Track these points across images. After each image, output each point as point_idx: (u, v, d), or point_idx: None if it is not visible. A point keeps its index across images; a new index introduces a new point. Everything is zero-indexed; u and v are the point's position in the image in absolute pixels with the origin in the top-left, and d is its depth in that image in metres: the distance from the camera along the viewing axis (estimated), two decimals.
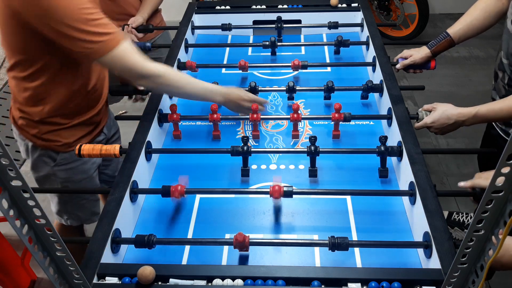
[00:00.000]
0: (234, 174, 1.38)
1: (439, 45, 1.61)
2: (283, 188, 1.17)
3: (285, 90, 1.60)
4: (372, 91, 1.60)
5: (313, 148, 1.30)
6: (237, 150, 1.31)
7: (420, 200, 1.14)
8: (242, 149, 1.31)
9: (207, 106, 1.64)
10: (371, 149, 1.32)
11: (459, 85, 3.32)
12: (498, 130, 1.54)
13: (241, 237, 1.05)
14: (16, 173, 0.69)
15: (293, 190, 1.18)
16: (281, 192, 1.16)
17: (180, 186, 1.19)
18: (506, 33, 1.39)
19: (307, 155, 1.32)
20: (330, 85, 1.57)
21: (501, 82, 1.46)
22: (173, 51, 1.79)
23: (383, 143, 1.31)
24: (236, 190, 1.30)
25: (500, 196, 0.68)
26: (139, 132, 1.40)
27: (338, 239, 1.05)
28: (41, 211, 0.75)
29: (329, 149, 1.38)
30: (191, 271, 1.01)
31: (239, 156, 1.33)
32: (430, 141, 2.82)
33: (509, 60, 1.39)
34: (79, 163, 1.55)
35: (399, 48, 3.18)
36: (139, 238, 1.08)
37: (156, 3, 2.06)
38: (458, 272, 0.81)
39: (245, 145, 1.31)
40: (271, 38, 1.82)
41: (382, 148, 1.30)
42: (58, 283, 0.85)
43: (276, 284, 0.98)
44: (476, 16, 1.53)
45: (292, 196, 1.18)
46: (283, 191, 1.17)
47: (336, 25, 1.92)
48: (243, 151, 1.31)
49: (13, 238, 2.04)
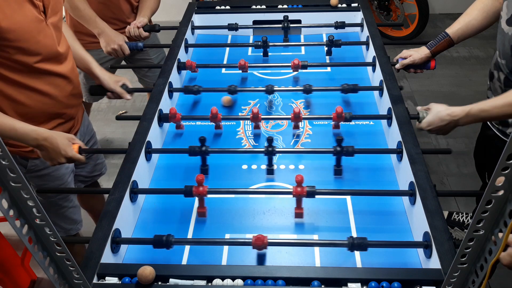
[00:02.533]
0: (234, 174, 1.38)
1: (438, 45, 1.62)
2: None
3: (264, 91, 1.60)
4: (352, 92, 1.60)
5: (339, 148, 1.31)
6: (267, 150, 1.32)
7: (420, 200, 1.14)
8: (267, 149, 1.32)
9: (207, 106, 1.64)
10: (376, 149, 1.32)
11: (459, 85, 3.32)
12: (495, 130, 1.53)
13: (260, 240, 1.05)
14: (16, 173, 0.69)
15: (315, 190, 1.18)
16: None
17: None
18: (500, 33, 1.40)
19: (333, 155, 1.33)
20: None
21: (497, 82, 1.46)
22: (173, 51, 1.79)
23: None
24: (236, 190, 1.30)
25: (500, 196, 0.68)
26: (139, 132, 1.40)
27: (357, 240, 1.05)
28: (41, 211, 0.75)
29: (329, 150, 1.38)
30: (191, 271, 1.01)
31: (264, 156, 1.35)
32: (430, 141, 2.82)
33: (505, 60, 1.39)
34: (52, 169, 1.51)
35: (399, 48, 3.18)
36: (157, 238, 1.08)
37: (154, 6, 2.07)
38: (458, 272, 0.81)
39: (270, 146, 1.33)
40: (263, 37, 1.81)
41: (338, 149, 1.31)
42: (58, 283, 0.85)
43: (276, 284, 0.98)
44: (475, 16, 1.53)
45: (314, 196, 1.19)
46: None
47: (343, 25, 1.91)
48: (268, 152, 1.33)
49: (13, 238, 2.04)
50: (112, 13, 2.01)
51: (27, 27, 1.27)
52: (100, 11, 1.94)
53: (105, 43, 1.92)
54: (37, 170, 1.50)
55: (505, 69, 1.40)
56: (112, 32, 1.93)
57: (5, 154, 0.65)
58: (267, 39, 1.82)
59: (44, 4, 1.32)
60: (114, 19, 2.02)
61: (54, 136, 1.30)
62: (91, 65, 1.61)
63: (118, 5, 2.01)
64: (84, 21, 1.90)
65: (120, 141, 2.95)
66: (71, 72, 1.48)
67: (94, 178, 1.85)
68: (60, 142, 1.30)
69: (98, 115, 3.17)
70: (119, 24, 2.03)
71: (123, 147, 1.38)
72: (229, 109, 1.65)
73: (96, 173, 1.84)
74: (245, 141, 1.51)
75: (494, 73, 1.48)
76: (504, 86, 1.43)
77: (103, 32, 1.91)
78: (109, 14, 2.00)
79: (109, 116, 3.16)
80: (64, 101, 1.47)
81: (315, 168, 1.39)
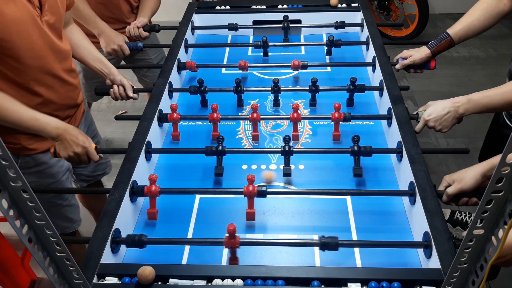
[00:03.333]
0: (234, 174, 1.38)
1: (439, 45, 1.61)
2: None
3: (270, 90, 1.61)
4: (357, 91, 1.60)
5: (356, 148, 1.31)
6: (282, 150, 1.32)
7: (420, 200, 1.14)
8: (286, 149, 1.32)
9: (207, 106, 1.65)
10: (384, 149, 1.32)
11: (459, 85, 3.32)
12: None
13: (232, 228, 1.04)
14: (16, 173, 0.69)
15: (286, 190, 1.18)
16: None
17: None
18: None
19: (351, 155, 1.32)
20: (314, 82, 1.58)
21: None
22: (173, 51, 1.79)
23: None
24: (236, 190, 1.30)
25: (500, 196, 0.68)
26: (139, 132, 1.40)
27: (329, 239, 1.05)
28: (41, 211, 0.75)
29: (331, 149, 1.38)
30: (191, 271, 1.01)
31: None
32: (430, 141, 2.82)
33: None
34: (45, 167, 1.50)
35: (399, 48, 3.19)
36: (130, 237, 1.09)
37: (155, 6, 2.07)
38: (458, 272, 0.81)
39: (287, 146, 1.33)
40: (263, 38, 1.81)
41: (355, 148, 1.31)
42: (58, 283, 0.85)
43: (276, 284, 0.98)
44: (477, 16, 1.53)
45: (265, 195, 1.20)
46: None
47: (343, 25, 1.92)
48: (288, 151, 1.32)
49: (13, 238, 2.04)
50: (112, 13, 2.01)
51: (19, 19, 1.24)
52: (100, 11, 1.94)
53: (105, 44, 1.92)
54: (28, 167, 1.49)
55: None
56: (112, 32, 1.93)
57: (5, 154, 0.65)
58: (267, 39, 1.82)
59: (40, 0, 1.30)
60: (113, 19, 2.02)
61: (73, 127, 1.35)
62: (108, 64, 1.64)
63: (117, 5, 2.01)
64: (84, 21, 1.90)
65: (120, 141, 2.96)
66: (67, 73, 1.47)
67: (96, 177, 1.85)
68: (79, 132, 1.34)
69: (98, 115, 3.17)
70: (118, 24, 2.03)
71: (123, 147, 1.38)
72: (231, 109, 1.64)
73: (99, 173, 1.84)
74: (245, 141, 1.51)
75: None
76: None
77: (103, 33, 1.91)
78: (109, 14, 2.00)
79: (109, 116, 3.16)
80: (57, 101, 1.46)
81: (315, 168, 1.39)
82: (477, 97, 1.34)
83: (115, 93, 1.65)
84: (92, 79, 2.23)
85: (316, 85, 1.58)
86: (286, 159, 1.33)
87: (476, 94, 1.35)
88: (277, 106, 1.65)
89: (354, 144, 1.32)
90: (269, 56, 1.88)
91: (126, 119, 1.64)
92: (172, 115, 1.48)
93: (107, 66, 1.64)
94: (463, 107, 1.35)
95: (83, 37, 1.63)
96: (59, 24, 1.42)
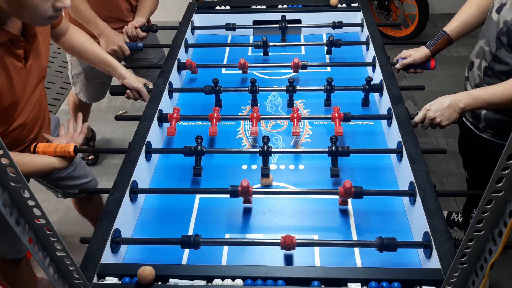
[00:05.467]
0: (234, 175, 1.38)
1: (437, 44, 1.62)
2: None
3: (285, 90, 1.60)
4: (372, 91, 1.60)
5: (334, 148, 1.30)
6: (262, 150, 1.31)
7: (420, 200, 1.14)
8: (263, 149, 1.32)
9: (207, 106, 1.65)
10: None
11: (459, 85, 3.28)
12: (468, 124, 1.59)
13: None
14: (16, 173, 0.69)
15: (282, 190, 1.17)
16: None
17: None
18: (489, 21, 1.43)
19: (328, 155, 1.32)
20: (330, 81, 1.57)
21: (477, 71, 1.49)
22: (173, 51, 1.79)
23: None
24: (236, 190, 1.29)
25: (500, 196, 0.68)
26: (139, 132, 1.40)
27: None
28: (41, 211, 0.75)
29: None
30: (191, 271, 1.01)
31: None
32: (430, 141, 2.82)
33: (489, 47, 1.41)
34: None
35: (399, 48, 3.18)
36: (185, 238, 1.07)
37: (153, 6, 2.07)
38: (458, 272, 0.81)
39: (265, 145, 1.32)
40: (263, 38, 1.81)
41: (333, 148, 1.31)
42: (58, 283, 0.85)
43: (276, 284, 0.98)
44: (472, 12, 1.55)
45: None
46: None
47: (341, 25, 1.92)
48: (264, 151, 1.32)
49: None
50: (111, 13, 2.01)
51: (9, 83, 1.19)
52: (99, 10, 1.94)
53: (105, 44, 1.92)
54: None
55: (489, 56, 1.42)
56: (112, 32, 1.93)
57: (5, 154, 0.65)
58: (267, 39, 1.82)
59: (26, 49, 1.25)
60: (113, 19, 2.02)
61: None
62: (116, 67, 1.64)
63: (117, 4, 2.01)
64: (84, 21, 1.90)
65: (120, 141, 2.95)
66: (31, 120, 1.38)
67: (78, 194, 1.80)
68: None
69: (98, 115, 3.17)
70: (118, 24, 2.03)
71: (123, 147, 1.38)
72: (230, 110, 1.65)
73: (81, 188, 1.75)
74: (245, 141, 1.51)
75: (475, 61, 1.51)
76: (483, 75, 1.46)
77: (103, 33, 1.91)
78: (108, 13, 2.00)
79: (109, 116, 3.16)
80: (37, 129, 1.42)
81: (315, 168, 1.39)
82: (478, 93, 1.36)
83: (130, 96, 1.67)
84: (93, 80, 2.23)
85: (331, 84, 1.58)
86: (265, 159, 1.33)
87: (477, 90, 1.37)
88: (291, 106, 1.64)
89: (332, 144, 1.31)
90: (269, 56, 1.87)
91: (126, 119, 1.64)
92: (172, 115, 1.48)
93: (115, 69, 1.63)
94: (463, 101, 1.37)
95: (86, 38, 1.62)
96: (44, 63, 1.37)
